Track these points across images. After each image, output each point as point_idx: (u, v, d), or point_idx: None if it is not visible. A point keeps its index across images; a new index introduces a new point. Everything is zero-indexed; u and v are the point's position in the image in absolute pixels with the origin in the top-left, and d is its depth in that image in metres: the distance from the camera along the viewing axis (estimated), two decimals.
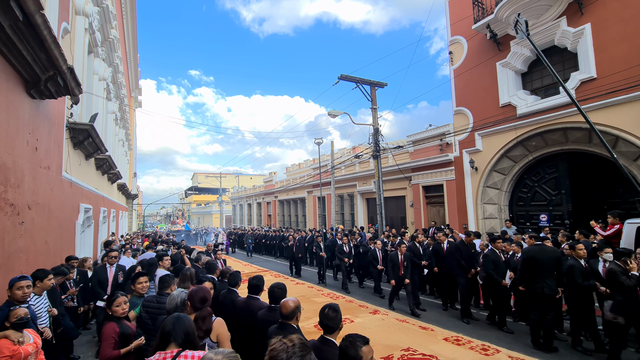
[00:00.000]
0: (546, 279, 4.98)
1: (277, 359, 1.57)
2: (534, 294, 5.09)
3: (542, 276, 5.00)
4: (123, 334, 2.74)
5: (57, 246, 5.56)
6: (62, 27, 5.56)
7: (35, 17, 3.14)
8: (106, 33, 9.66)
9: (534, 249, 5.21)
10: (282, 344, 1.62)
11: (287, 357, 1.57)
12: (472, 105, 11.86)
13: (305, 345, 1.66)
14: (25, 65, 3.73)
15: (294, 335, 1.73)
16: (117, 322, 2.82)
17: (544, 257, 5.06)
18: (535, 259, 5.10)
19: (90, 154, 8.09)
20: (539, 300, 5.04)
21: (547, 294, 4.95)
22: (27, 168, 4.18)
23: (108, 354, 2.55)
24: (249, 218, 35.70)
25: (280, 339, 1.67)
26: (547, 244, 5.39)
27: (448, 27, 12.95)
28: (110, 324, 2.69)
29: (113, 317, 2.83)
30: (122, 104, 14.69)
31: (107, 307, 2.88)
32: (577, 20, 9.08)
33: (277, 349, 1.60)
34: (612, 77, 8.16)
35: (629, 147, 8.13)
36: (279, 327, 2.65)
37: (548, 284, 4.96)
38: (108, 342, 2.59)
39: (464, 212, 11.92)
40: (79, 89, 4.97)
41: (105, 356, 2.53)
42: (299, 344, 1.64)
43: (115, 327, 2.71)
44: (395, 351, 4.89)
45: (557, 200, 10.04)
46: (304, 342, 1.68)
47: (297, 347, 1.62)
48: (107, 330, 2.63)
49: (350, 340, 1.95)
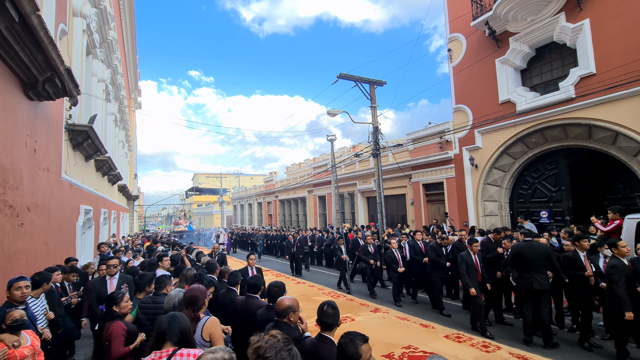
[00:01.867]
0: (535, 274, 5.09)
1: (266, 355, 1.56)
2: (524, 289, 5.23)
3: (531, 272, 5.12)
4: (129, 331, 2.78)
5: (57, 248, 5.57)
6: (59, 28, 5.56)
7: (31, 18, 3.14)
8: (104, 34, 9.66)
9: (522, 245, 5.36)
10: (267, 341, 1.61)
11: (275, 353, 1.56)
12: (471, 103, 11.84)
13: (287, 338, 1.67)
14: (23, 66, 3.73)
15: (274, 330, 1.73)
16: (122, 320, 2.86)
17: (531, 252, 5.18)
18: (522, 255, 5.24)
19: (89, 155, 8.10)
20: (529, 295, 5.17)
21: (537, 289, 5.05)
22: (26, 170, 4.19)
23: (122, 351, 2.60)
24: (249, 218, 35.74)
25: (262, 336, 1.66)
26: (539, 241, 5.55)
27: (447, 25, 12.93)
28: (118, 323, 2.73)
29: (117, 316, 2.85)
30: (121, 106, 14.70)
31: (114, 305, 2.89)
32: (575, 15, 9.05)
33: (262, 346, 1.59)
34: (612, 72, 8.13)
35: (629, 143, 8.10)
36: (274, 325, 2.64)
37: (537, 279, 5.06)
38: (119, 339, 2.63)
39: (465, 209, 11.90)
40: (77, 90, 4.98)
41: (119, 353, 2.58)
42: (282, 338, 1.65)
43: (123, 325, 2.76)
44: (396, 349, 4.89)
45: (558, 196, 10.02)
46: (285, 336, 1.68)
47: (282, 341, 1.62)
48: (116, 329, 2.67)
49: (350, 337, 1.94)
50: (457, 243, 7.10)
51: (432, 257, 6.94)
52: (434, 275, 6.90)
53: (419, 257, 7.49)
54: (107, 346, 2.67)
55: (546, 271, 5.15)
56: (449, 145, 12.72)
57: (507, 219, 11.24)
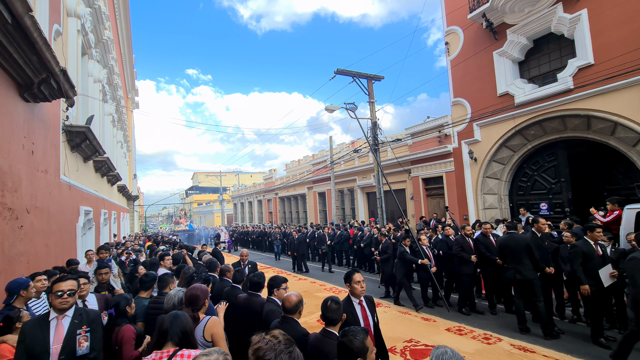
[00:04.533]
0: (517, 265, 5.22)
1: (265, 357, 1.53)
2: (508, 280, 5.45)
3: (514, 263, 5.27)
4: (138, 334, 2.80)
5: (57, 249, 5.57)
6: (53, 29, 5.52)
7: (24, 19, 3.11)
8: (99, 34, 9.60)
9: (505, 238, 5.57)
10: (267, 342, 1.58)
11: (275, 355, 1.53)
12: (470, 96, 11.80)
13: (289, 339, 1.64)
14: (17, 68, 3.70)
15: (276, 330, 1.71)
16: (131, 323, 2.88)
17: (513, 244, 5.32)
18: (505, 247, 5.44)
19: (88, 156, 8.08)
20: (515, 286, 5.37)
21: (519, 279, 5.18)
22: (24, 172, 4.18)
23: (134, 354, 2.62)
24: (250, 216, 35.77)
25: (263, 336, 1.63)
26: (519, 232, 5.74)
27: (444, 18, 12.85)
28: (128, 327, 2.76)
29: (126, 320, 2.86)
30: (118, 106, 14.64)
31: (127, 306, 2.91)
32: (573, 6, 8.99)
33: (262, 347, 1.56)
34: (610, 62, 8.10)
35: (628, 133, 8.09)
36: (281, 321, 2.66)
37: (519, 270, 5.19)
38: (130, 343, 2.66)
39: (464, 203, 11.91)
40: (73, 91, 4.95)
41: (132, 357, 2.61)
42: (283, 339, 1.61)
43: (133, 329, 2.78)
44: (398, 343, 4.92)
45: (557, 188, 10.02)
46: (288, 337, 1.65)
47: (283, 343, 1.58)
48: (127, 333, 2.70)
49: (352, 333, 1.92)
50: (481, 237, 6.51)
51: (457, 252, 6.46)
52: (461, 271, 6.40)
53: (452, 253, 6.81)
54: (117, 350, 2.68)
55: (529, 262, 5.20)
56: (447, 139, 12.70)
57: (507, 211, 11.25)
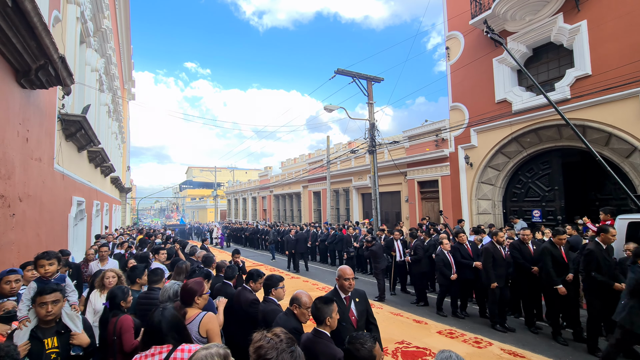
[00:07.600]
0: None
1: (267, 356, 1.51)
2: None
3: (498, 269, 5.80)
4: (136, 325, 2.78)
5: (49, 239, 5.49)
6: (53, 15, 5.43)
7: (24, 3, 3.05)
8: (98, 23, 9.47)
9: (491, 246, 5.97)
10: (269, 340, 1.56)
11: (277, 354, 1.51)
12: (468, 101, 11.88)
13: (291, 338, 1.62)
14: (15, 53, 3.63)
15: (277, 328, 1.69)
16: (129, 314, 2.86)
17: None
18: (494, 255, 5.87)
19: (82, 146, 7.97)
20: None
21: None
22: (17, 159, 4.10)
23: (134, 343, 2.62)
24: (244, 212, 35.63)
25: (265, 334, 1.61)
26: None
27: (445, 22, 12.91)
28: (127, 316, 2.75)
29: (122, 310, 2.84)
30: (115, 96, 14.46)
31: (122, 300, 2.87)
32: (573, 17, 9.10)
33: (264, 346, 1.54)
34: (607, 74, 8.21)
35: (622, 144, 8.22)
36: (287, 313, 2.73)
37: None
38: (130, 332, 2.66)
39: (459, 207, 12.00)
40: (71, 79, 4.87)
41: (132, 345, 2.61)
42: (285, 338, 1.59)
43: (131, 318, 2.78)
44: (390, 344, 4.93)
45: (550, 196, 10.15)
46: (289, 336, 1.64)
47: (285, 341, 1.57)
48: (127, 322, 2.70)
49: (360, 341, 1.83)
50: (517, 243, 6.07)
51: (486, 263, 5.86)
52: (487, 281, 5.80)
53: (467, 260, 6.47)
54: (115, 341, 2.65)
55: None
56: (444, 143, 12.77)
57: (500, 217, 11.37)
